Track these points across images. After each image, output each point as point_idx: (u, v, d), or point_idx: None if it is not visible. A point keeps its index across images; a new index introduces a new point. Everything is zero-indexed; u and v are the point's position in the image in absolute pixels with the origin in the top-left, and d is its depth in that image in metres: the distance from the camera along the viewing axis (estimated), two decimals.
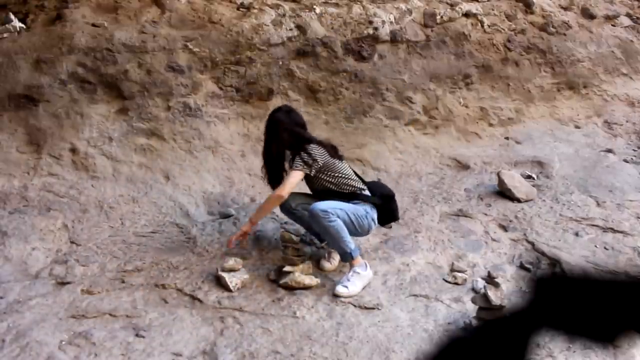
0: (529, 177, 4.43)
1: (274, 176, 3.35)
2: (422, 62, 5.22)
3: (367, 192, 3.30)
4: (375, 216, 3.26)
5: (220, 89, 4.61)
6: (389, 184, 4.24)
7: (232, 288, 2.99)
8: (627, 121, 5.58)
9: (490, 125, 5.29)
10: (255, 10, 4.87)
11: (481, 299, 2.63)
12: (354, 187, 3.26)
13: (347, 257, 3.10)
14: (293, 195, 3.28)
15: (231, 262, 3.08)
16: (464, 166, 4.72)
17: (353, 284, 3.00)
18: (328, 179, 3.22)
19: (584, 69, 5.85)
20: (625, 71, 6.04)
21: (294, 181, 3.17)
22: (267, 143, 3.33)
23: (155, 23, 4.60)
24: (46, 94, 4.18)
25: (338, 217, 3.04)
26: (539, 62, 5.68)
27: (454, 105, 5.26)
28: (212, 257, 3.36)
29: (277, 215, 3.81)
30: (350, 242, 3.08)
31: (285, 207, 3.34)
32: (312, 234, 3.45)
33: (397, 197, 4.15)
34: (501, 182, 4.16)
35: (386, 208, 3.34)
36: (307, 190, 3.39)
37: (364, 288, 3.03)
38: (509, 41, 5.58)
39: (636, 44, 6.16)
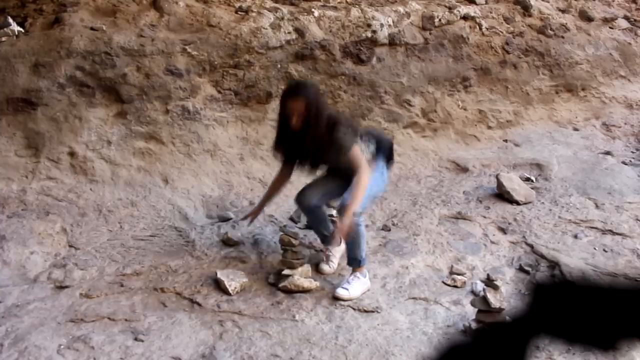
0: (527, 179, 4.43)
1: (291, 152, 3.20)
2: (420, 65, 5.22)
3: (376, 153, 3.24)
4: (386, 175, 3.32)
5: (219, 92, 4.61)
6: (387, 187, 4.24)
7: (231, 292, 2.98)
8: (625, 123, 5.59)
9: (489, 127, 5.30)
10: (253, 14, 4.87)
11: (480, 301, 2.62)
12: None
13: (354, 263, 3.09)
14: (309, 191, 3.23)
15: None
16: (462, 169, 4.73)
17: (353, 288, 3.01)
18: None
19: (582, 72, 5.86)
20: (623, 73, 6.05)
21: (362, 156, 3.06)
22: (312, 127, 2.96)
23: (154, 27, 4.60)
24: (45, 97, 4.18)
25: (363, 212, 3.07)
26: (537, 65, 5.69)
27: (453, 108, 5.26)
28: (211, 260, 3.35)
29: (277, 218, 3.81)
30: (364, 250, 3.10)
31: (309, 204, 3.21)
32: (318, 234, 3.41)
33: (396, 200, 4.18)
34: (500, 184, 4.16)
35: (391, 159, 3.39)
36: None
37: (362, 294, 3.03)
38: (507, 44, 5.59)
39: (634, 46, 6.17)
